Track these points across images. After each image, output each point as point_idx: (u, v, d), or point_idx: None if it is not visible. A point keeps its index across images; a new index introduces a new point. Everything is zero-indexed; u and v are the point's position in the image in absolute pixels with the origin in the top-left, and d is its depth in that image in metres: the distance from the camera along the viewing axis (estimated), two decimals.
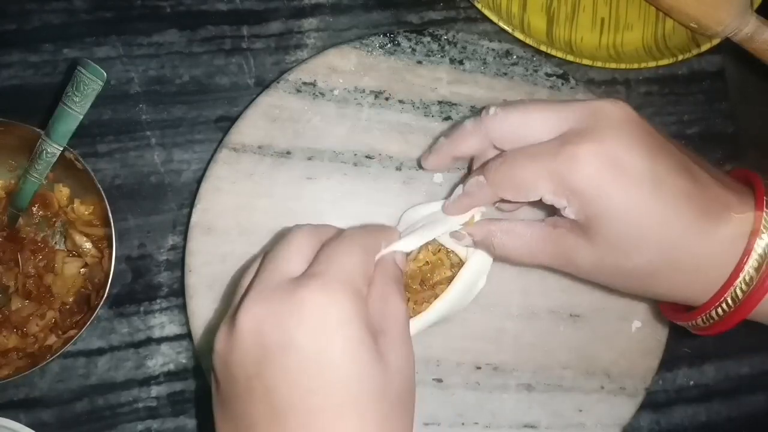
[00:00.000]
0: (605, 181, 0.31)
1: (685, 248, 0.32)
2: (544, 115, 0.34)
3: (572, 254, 0.34)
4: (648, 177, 0.31)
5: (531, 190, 0.33)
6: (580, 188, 0.32)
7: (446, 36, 0.47)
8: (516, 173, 0.33)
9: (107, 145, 0.46)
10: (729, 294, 0.32)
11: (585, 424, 0.46)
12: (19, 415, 0.44)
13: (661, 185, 0.31)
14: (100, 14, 0.47)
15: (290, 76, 0.45)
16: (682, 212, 0.32)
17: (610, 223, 0.32)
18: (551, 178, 0.32)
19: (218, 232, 0.44)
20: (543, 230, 0.35)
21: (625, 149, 0.31)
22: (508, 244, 0.36)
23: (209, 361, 0.32)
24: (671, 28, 0.52)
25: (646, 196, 0.31)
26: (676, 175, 0.32)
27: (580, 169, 0.31)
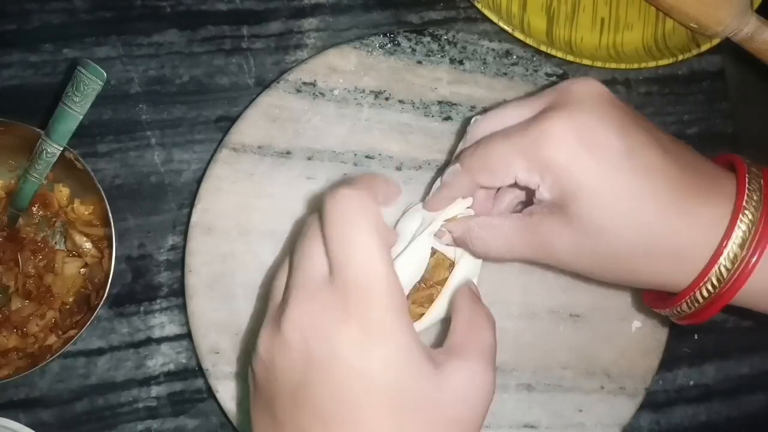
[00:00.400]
0: (576, 153, 0.30)
1: (663, 227, 0.31)
2: (518, 107, 0.34)
3: (550, 241, 0.33)
4: (621, 150, 0.30)
5: (505, 171, 0.32)
6: (552, 161, 0.31)
7: (446, 36, 0.47)
8: (489, 155, 0.33)
9: (107, 145, 0.46)
10: (713, 273, 0.31)
11: (585, 424, 0.46)
12: (18, 415, 0.44)
13: (635, 159, 0.30)
14: (100, 14, 0.47)
15: (290, 76, 0.45)
16: (658, 188, 0.30)
17: (584, 200, 0.31)
18: (523, 154, 0.31)
19: (218, 232, 0.44)
20: (520, 220, 0.34)
21: (596, 123, 0.31)
22: (486, 237, 0.35)
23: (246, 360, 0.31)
24: (671, 28, 0.52)
25: (619, 170, 0.30)
26: (650, 150, 0.31)
27: (551, 141, 0.30)
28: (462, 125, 0.47)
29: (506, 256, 0.35)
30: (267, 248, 0.45)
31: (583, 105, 0.31)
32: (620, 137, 0.30)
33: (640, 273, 0.33)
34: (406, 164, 0.46)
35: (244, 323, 0.44)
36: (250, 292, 0.44)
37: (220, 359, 0.43)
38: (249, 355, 0.31)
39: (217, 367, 0.43)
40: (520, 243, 0.34)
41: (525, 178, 0.32)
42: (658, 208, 0.30)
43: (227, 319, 0.43)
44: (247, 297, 0.44)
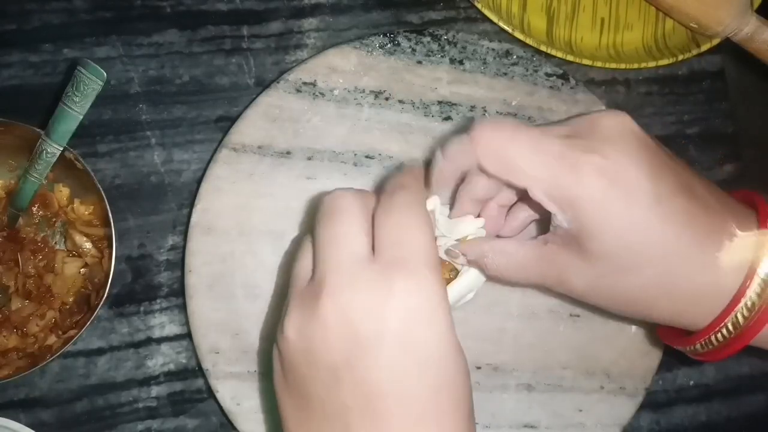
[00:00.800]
0: (607, 196, 0.30)
1: (685, 270, 0.31)
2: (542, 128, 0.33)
3: (565, 273, 0.33)
4: (650, 195, 0.30)
5: (520, 179, 0.31)
6: (579, 200, 0.30)
7: (446, 36, 0.47)
8: (512, 153, 0.31)
9: (107, 145, 0.46)
10: (729, 320, 0.31)
11: (585, 424, 0.46)
12: (18, 415, 0.44)
13: (663, 204, 0.30)
14: (100, 14, 0.47)
15: (290, 76, 0.45)
16: (682, 233, 0.31)
17: (607, 239, 0.31)
18: (549, 182, 0.31)
19: (218, 232, 0.44)
20: (535, 248, 0.34)
21: (628, 165, 0.30)
22: (500, 264, 0.35)
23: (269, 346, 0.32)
24: (671, 28, 0.52)
25: (646, 215, 0.30)
26: (678, 194, 0.31)
27: (583, 182, 0.30)
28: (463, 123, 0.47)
29: (521, 282, 0.35)
30: (267, 248, 0.45)
31: (617, 144, 0.31)
32: (650, 182, 0.30)
33: (656, 311, 0.33)
34: (406, 164, 0.46)
35: (244, 323, 0.44)
36: (250, 292, 0.44)
37: (220, 359, 0.43)
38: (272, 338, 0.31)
39: (217, 367, 0.43)
40: (535, 272, 0.34)
41: (540, 199, 0.31)
42: (682, 251, 0.31)
43: (227, 319, 0.43)
44: (247, 297, 0.44)
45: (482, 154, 0.32)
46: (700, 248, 0.31)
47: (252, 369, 0.43)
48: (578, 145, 0.31)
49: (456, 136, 0.33)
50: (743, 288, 0.31)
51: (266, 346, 0.44)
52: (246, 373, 0.43)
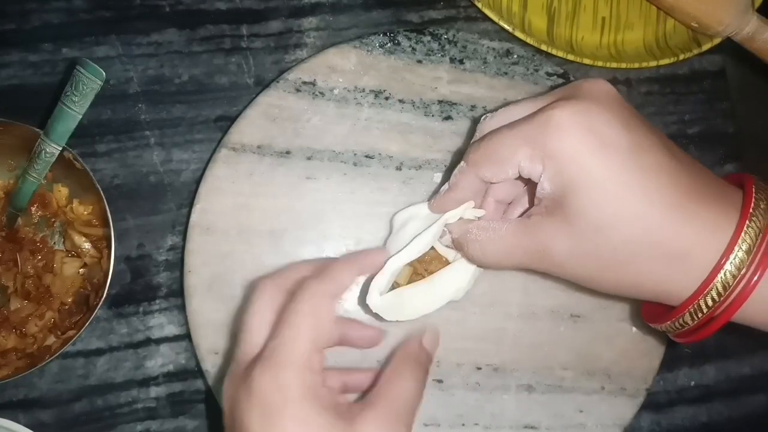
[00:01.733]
0: (582, 145, 0.29)
1: (668, 228, 0.30)
2: (527, 103, 0.33)
3: (549, 244, 0.32)
4: (629, 146, 0.30)
5: (508, 160, 0.32)
6: (557, 149, 0.30)
7: (446, 35, 0.47)
8: (494, 145, 0.32)
9: (106, 144, 0.46)
10: (717, 281, 0.29)
11: (585, 424, 0.46)
12: (18, 416, 0.44)
13: (642, 157, 0.30)
14: (99, 14, 0.47)
15: (290, 76, 0.45)
16: (664, 187, 0.30)
17: (587, 193, 0.30)
18: (528, 142, 0.31)
19: (217, 232, 0.44)
20: (518, 223, 0.33)
21: (605, 117, 0.30)
22: (483, 240, 0.34)
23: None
24: (672, 27, 0.52)
25: (625, 165, 0.29)
26: (658, 151, 0.30)
27: (557, 128, 0.30)
28: (471, 125, 0.47)
29: (503, 262, 0.34)
30: (266, 248, 0.44)
31: (593, 100, 0.31)
32: (629, 134, 0.30)
33: (641, 278, 0.31)
34: (406, 164, 0.46)
35: None
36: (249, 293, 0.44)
37: (219, 360, 0.43)
38: None
39: (216, 367, 0.43)
40: (518, 246, 0.33)
41: (528, 167, 0.31)
42: (664, 207, 0.30)
43: (227, 320, 0.43)
44: (246, 297, 0.44)
45: (477, 167, 0.34)
46: (684, 205, 0.30)
47: None
48: (554, 103, 0.31)
49: (457, 168, 0.35)
50: (731, 246, 0.29)
51: None
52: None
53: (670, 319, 0.33)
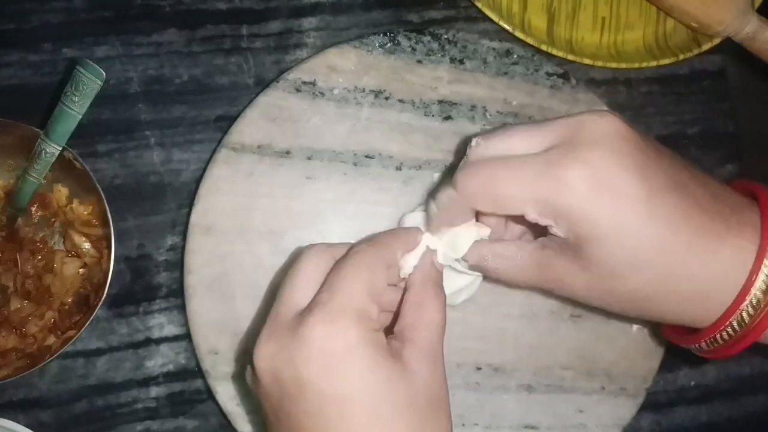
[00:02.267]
0: (594, 203, 0.29)
1: (684, 270, 0.30)
2: (526, 134, 0.32)
3: (564, 277, 0.32)
4: (639, 196, 0.29)
5: (513, 208, 0.31)
6: (568, 212, 0.30)
7: (446, 35, 0.47)
8: (496, 188, 0.31)
9: (106, 145, 0.46)
10: (735, 318, 0.30)
11: (586, 424, 0.46)
12: (17, 416, 0.44)
13: (655, 204, 0.29)
14: (99, 14, 0.47)
15: (290, 76, 0.45)
16: (678, 232, 0.30)
17: (601, 246, 0.30)
18: (536, 199, 0.30)
19: (217, 232, 0.44)
20: (534, 253, 0.33)
21: (614, 168, 0.29)
22: (500, 268, 0.34)
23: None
24: (672, 27, 0.52)
25: (638, 217, 0.29)
26: (670, 192, 0.30)
27: (568, 192, 0.29)
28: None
29: (522, 286, 0.35)
30: (266, 248, 0.44)
31: (600, 148, 0.30)
32: (640, 181, 0.29)
33: (658, 311, 0.32)
34: (406, 164, 0.46)
35: (244, 324, 0.44)
36: (249, 293, 0.44)
37: (219, 360, 0.43)
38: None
39: (216, 367, 0.43)
40: (535, 275, 0.34)
41: (536, 219, 0.31)
42: (680, 251, 0.30)
43: (227, 320, 0.43)
44: (246, 297, 0.44)
45: (472, 202, 0.33)
46: (699, 246, 0.30)
47: None
48: (559, 155, 0.30)
49: (444, 190, 0.34)
50: (748, 284, 0.30)
51: None
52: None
53: (689, 344, 0.34)
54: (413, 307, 0.33)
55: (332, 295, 0.30)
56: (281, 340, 0.30)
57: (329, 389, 0.29)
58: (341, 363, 0.29)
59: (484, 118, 0.47)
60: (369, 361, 0.29)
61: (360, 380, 0.29)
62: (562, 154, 0.30)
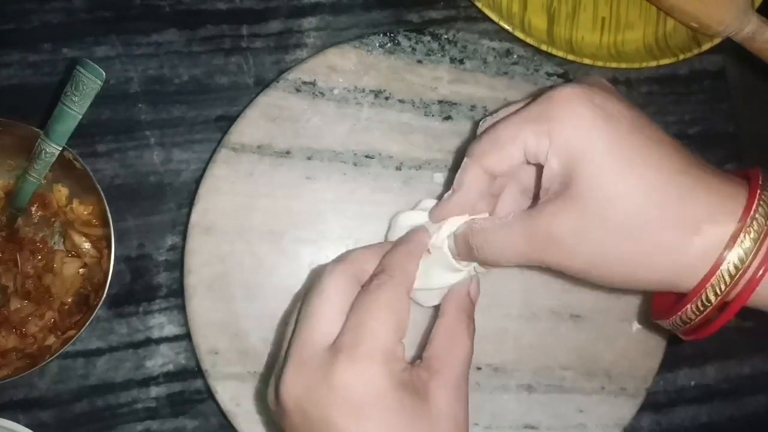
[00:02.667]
0: (587, 115, 0.30)
1: (676, 197, 0.29)
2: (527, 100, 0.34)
3: (554, 225, 0.31)
4: (631, 121, 0.30)
5: (513, 141, 0.32)
6: (562, 122, 0.30)
7: (446, 35, 0.47)
8: (498, 131, 0.32)
9: (106, 145, 0.46)
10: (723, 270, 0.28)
11: (586, 424, 0.46)
12: (17, 416, 0.44)
13: (645, 131, 0.30)
14: (99, 14, 0.47)
15: (290, 76, 0.45)
16: (670, 156, 0.30)
17: (595, 164, 0.29)
18: (532, 120, 0.31)
19: (217, 232, 0.44)
20: (524, 212, 0.32)
21: (606, 96, 0.30)
22: (488, 228, 0.34)
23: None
24: (672, 27, 0.52)
25: (631, 135, 0.30)
26: (658, 129, 0.31)
27: (561, 103, 0.30)
28: (472, 126, 0.47)
29: (507, 252, 0.33)
30: (266, 248, 0.44)
31: (594, 86, 0.31)
32: (630, 110, 0.30)
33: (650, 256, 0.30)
34: (406, 164, 0.46)
35: (244, 324, 0.44)
36: (249, 293, 0.44)
37: (219, 360, 0.43)
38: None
39: (216, 367, 0.43)
40: (522, 246, 0.32)
41: (534, 145, 0.31)
42: (672, 175, 0.29)
43: (226, 320, 0.43)
44: (246, 297, 0.44)
45: (486, 162, 0.33)
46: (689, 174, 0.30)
47: (251, 370, 0.43)
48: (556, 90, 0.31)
49: (460, 169, 0.35)
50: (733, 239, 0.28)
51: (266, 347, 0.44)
52: (245, 373, 0.43)
53: (680, 310, 0.31)
54: (444, 337, 0.33)
55: (359, 338, 0.31)
56: (310, 379, 0.31)
57: (354, 428, 0.30)
58: (369, 410, 0.30)
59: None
60: (396, 404, 0.30)
61: (386, 425, 0.30)
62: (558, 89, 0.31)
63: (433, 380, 0.32)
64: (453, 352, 0.33)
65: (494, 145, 0.33)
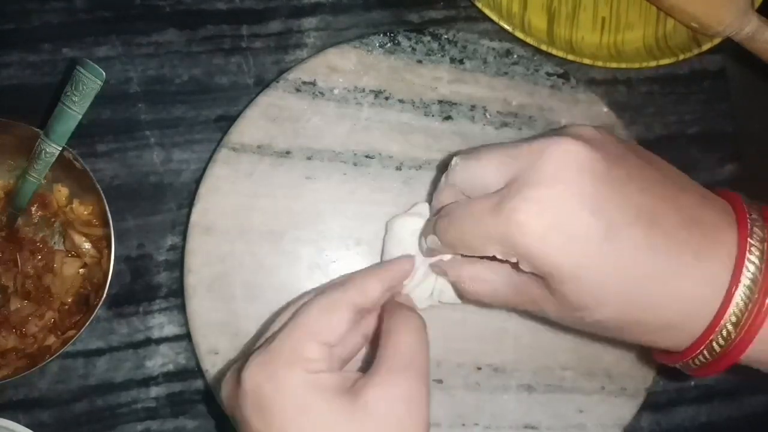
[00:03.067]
0: (550, 245, 0.29)
1: (650, 301, 0.30)
2: (497, 159, 0.32)
3: (537, 302, 0.32)
4: (599, 232, 0.28)
5: (482, 251, 0.31)
6: (527, 252, 0.29)
7: (446, 35, 0.47)
8: (464, 235, 0.32)
9: (106, 144, 0.46)
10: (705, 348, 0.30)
11: (586, 425, 0.46)
12: (17, 416, 0.44)
13: (616, 240, 0.29)
14: (99, 14, 0.47)
15: (290, 76, 0.45)
16: (642, 264, 0.29)
17: (563, 283, 0.30)
18: (497, 242, 0.30)
19: (217, 232, 0.44)
20: (509, 277, 0.33)
21: (569, 207, 0.28)
22: (478, 290, 0.35)
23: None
24: (672, 27, 0.52)
25: (596, 257, 0.29)
26: (633, 226, 0.29)
27: (522, 235, 0.29)
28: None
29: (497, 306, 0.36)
30: (266, 248, 0.44)
31: (556, 184, 0.29)
32: (598, 219, 0.29)
33: (631, 339, 0.32)
34: (406, 164, 0.46)
35: (244, 324, 0.44)
36: (249, 293, 0.44)
37: (219, 360, 0.43)
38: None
39: (216, 367, 0.43)
40: (512, 298, 0.34)
41: (503, 257, 0.31)
42: (643, 285, 0.29)
43: (226, 320, 0.43)
44: (246, 297, 0.44)
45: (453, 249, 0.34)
46: (664, 277, 0.29)
47: None
48: (513, 194, 0.30)
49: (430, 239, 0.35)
50: (719, 316, 0.29)
51: None
52: None
53: (672, 363, 0.33)
54: (383, 337, 0.33)
55: (273, 339, 0.32)
56: (232, 378, 0.32)
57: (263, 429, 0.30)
58: (270, 405, 0.30)
59: (484, 118, 0.47)
60: (300, 401, 0.30)
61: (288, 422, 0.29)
62: (516, 193, 0.29)
63: (369, 379, 0.31)
64: (390, 349, 0.32)
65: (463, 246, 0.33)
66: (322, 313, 0.32)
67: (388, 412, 0.30)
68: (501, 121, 0.48)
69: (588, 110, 0.48)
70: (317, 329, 0.32)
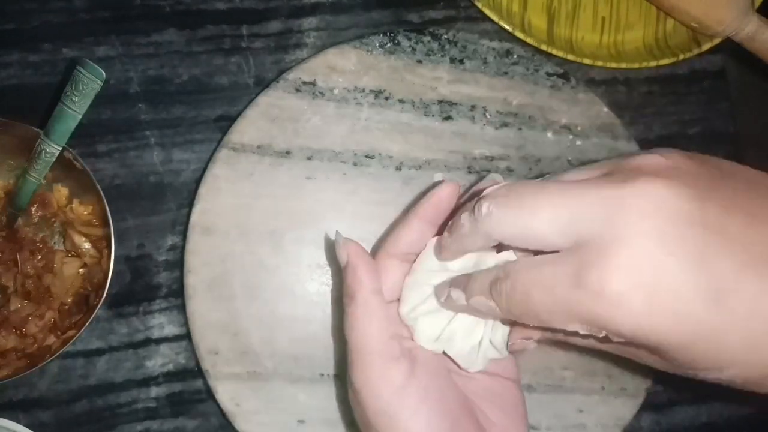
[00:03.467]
0: (654, 321, 0.24)
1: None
2: (552, 210, 0.26)
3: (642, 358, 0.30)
4: (708, 295, 0.24)
5: (559, 327, 0.27)
6: (625, 332, 0.25)
7: (446, 35, 0.47)
8: (533, 307, 0.27)
9: (106, 144, 0.46)
10: None
11: (586, 424, 0.46)
12: (17, 416, 0.44)
13: (729, 294, 0.24)
14: (99, 14, 0.47)
15: (290, 76, 0.45)
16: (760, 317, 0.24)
17: (677, 353, 0.26)
18: (582, 319, 0.25)
19: (217, 232, 0.44)
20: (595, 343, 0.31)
21: (669, 268, 0.24)
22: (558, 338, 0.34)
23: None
24: (672, 27, 0.52)
25: (712, 317, 0.24)
26: (745, 271, 0.24)
27: (619, 312, 0.24)
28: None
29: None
30: (266, 248, 0.44)
31: (648, 242, 0.24)
32: (704, 274, 0.24)
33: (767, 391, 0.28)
34: (406, 164, 0.46)
35: (244, 324, 0.44)
36: (249, 293, 0.44)
37: (219, 360, 0.43)
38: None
39: (216, 367, 0.43)
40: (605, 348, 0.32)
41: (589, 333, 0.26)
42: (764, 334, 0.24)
43: (227, 320, 0.43)
44: (246, 297, 0.44)
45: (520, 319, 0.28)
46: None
47: (251, 370, 0.43)
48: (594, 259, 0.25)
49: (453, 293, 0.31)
50: None
51: (266, 347, 0.44)
52: (245, 373, 0.43)
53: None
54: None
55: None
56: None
57: None
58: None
59: (484, 118, 0.47)
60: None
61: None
62: (598, 258, 0.25)
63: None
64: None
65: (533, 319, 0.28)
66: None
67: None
68: (501, 121, 0.48)
69: (588, 110, 0.48)
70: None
